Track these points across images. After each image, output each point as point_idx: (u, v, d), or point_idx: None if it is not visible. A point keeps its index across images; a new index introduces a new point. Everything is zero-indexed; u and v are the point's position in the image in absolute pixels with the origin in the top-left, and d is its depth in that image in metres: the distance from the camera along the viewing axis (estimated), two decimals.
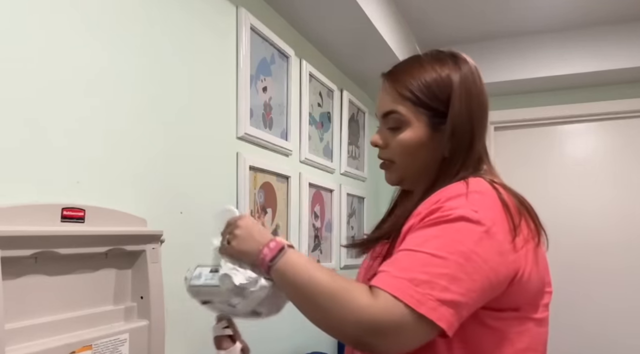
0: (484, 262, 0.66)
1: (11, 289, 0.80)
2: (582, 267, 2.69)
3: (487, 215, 0.69)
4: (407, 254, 0.68)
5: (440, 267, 0.65)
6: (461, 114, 0.79)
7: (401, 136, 0.82)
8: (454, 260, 0.65)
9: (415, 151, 0.82)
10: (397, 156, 0.84)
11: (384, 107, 0.84)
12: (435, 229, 0.69)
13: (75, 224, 0.89)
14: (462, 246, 0.66)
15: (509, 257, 0.69)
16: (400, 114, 0.81)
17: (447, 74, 0.80)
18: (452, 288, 0.64)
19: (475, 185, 0.74)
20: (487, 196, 0.72)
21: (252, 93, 1.57)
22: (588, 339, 2.64)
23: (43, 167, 0.89)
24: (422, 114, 0.80)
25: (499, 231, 0.69)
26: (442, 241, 0.67)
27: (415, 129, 0.81)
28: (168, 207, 1.21)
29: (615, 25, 2.43)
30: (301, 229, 1.90)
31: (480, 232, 0.67)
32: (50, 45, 0.91)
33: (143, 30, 1.13)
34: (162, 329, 1.06)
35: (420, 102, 0.80)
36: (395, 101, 0.82)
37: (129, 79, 1.09)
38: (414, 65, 0.83)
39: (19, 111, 0.85)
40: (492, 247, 0.67)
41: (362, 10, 1.76)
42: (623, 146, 2.68)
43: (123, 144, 1.07)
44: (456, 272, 0.65)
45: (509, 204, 0.72)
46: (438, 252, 0.66)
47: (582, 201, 2.73)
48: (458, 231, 0.67)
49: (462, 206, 0.69)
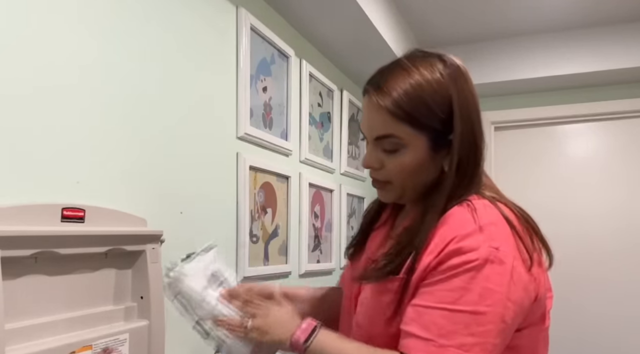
0: (516, 305, 0.67)
1: (11, 289, 0.80)
2: (582, 267, 2.68)
3: (507, 250, 0.67)
4: (444, 315, 0.65)
5: (484, 324, 0.64)
6: (464, 131, 0.74)
7: (400, 159, 0.76)
8: (494, 312, 0.64)
9: (415, 172, 0.77)
10: (394, 177, 0.78)
11: (377, 131, 0.76)
12: (464, 280, 0.66)
13: (75, 224, 0.89)
14: (497, 294, 0.65)
15: (530, 287, 0.69)
16: (398, 137, 0.74)
17: (445, 88, 0.73)
18: (498, 340, 0.65)
19: (485, 213, 0.70)
20: (501, 226, 0.69)
21: (252, 93, 1.56)
22: (588, 341, 2.64)
23: (43, 167, 0.89)
24: (421, 135, 0.74)
25: (519, 265, 0.68)
26: (476, 294, 0.65)
27: (415, 150, 0.75)
28: (168, 207, 1.21)
29: (615, 25, 2.43)
30: (301, 229, 1.90)
31: (507, 274, 0.66)
32: (50, 45, 0.91)
33: (143, 30, 1.13)
34: (162, 329, 1.06)
35: (420, 124, 0.73)
36: (390, 123, 0.73)
37: (129, 79, 1.09)
38: (407, 80, 0.73)
39: (19, 111, 0.85)
40: (519, 286, 0.67)
41: (362, 10, 1.76)
42: (623, 146, 2.68)
43: (123, 144, 1.07)
44: (498, 323, 0.65)
45: (519, 230, 0.70)
46: (478, 308, 0.64)
47: (582, 200, 2.73)
48: (488, 279, 0.65)
49: (482, 245, 0.66)
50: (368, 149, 0.80)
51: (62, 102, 0.93)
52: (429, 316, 0.66)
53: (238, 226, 1.49)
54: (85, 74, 0.98)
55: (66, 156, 0.94)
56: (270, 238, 1.69)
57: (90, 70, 0.99)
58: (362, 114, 0.80)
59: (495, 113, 2.84)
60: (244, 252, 1.50)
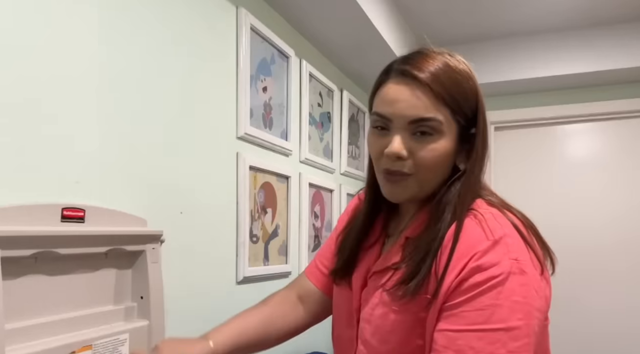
0: (540, 312, 0.66)
1: (11, 289, 0.80)
2: (582, 266, 2.69)
3: (525, 259, 0.67)
4: (479, 336, 0.63)
5: (520, 338, 0.63)
6: (484, 127, 0.75)
7: (434, 146, 0.71)
8: (527, 324, 0.64)
9: (442, 164, 0.74)
10: (422, 167, 0.73)
11: (419, 112, 0.71)
12: (491, 297, 0.64)
13: (75, 224, 0.89)
14: (526, 305, 0.64)
15: (547, 293, 0.69)
16: (439, 122, 0.71)
17: (473, 80, 0.75)
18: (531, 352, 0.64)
19: (497, 225, 0.69)
20: (514, 237, 0.69)
21: (252, 93, 1.56)
22: (588, 339, 2.64)
23: (43, 167, 0.89)
24: (455, 124, 0.72)
25: (535, 272, 0.67)
26: (506, 309, 0.63)
27: (448, 139, 0.72)
28: (168, 207, 1.21)
29: (614, 25, 2.43)
30: (301, 229, 1.90)
31: (530, 283, 0.65)
32: (50, 45, 0.91)
33: (142, 30, 1.13)
34: (162, 329, 1.06)
35: (457, 109, 0.72)
36: (434, 104, 0.70)
37: (128, 79, 1.09)
38: (440, 61, 0.73)
39: (19, 111, 0.85)
40: (540, 294, 0.67)
41: (362, 10, 1.76)
42: (623, 145, 2.68)
43: (123, 144, 1.07)
44: (532, 336, 0.64)
45: (527, 238, 0.70)
46: (511, 324, 0.63)
47: (582, 200, 2.73)
48: (514, 292, 0.64)
49: (502, 258, 0.65)
50: (395, 136, 0.72)
51: (62, 102, 0.93)
52: (463, 341, 0.64)
53: (238, 226, 1.49)
54: (84, 74, 0.98)
55: (66, 156, 0.94)
56: (270, 238, 1.69)
57: (89, 70, 0.99)
58: (391, 97, 0.73)
59: (495, 113, 2.85)
60: (244, 252, 1.50)
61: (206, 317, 1.33)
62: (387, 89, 0.74)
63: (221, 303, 1.39)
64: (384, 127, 0.74)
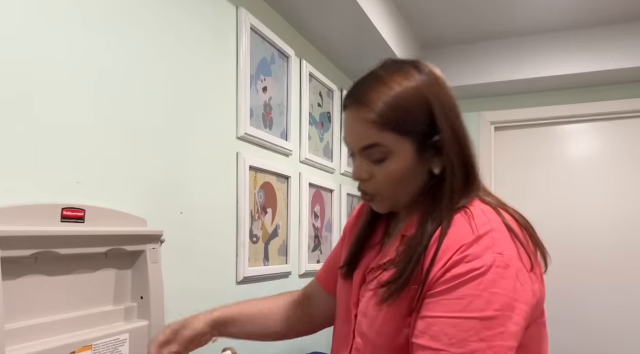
0: (525, 305, 0.67)
1: (11, 289, 0.80)
2: (582, 266, 2.69)
3: (510, 254, 0.68)
4: (453, 324, 0.65)
5: (495, 328, 0.64)
6: (447, 130, 0.75)
7: (388, 168, 0.76)
8: (503, 315, 0.65)
9: (404, 179, 0.77)
10: (383, 187, 0.78)
11: (362, 141, 0.76)
12: (470, 288, 0.66)
13: (75, 224, 0.89)
14: (504, 297, 0.66)
15: (536, 287, 0.70)
16: (383, 146, 0.75)
17: (422, 92, 0.75)
18: (510, 343, 0.65)
19: (484, 220, 0.71)
20: (501, 232, 0.70)
21: (252, 93, 1.56)
22: (589, 336, 2.64)
23: (43, 167, 0.89)
24: (406, 141, 0.75)
25: (523, 267, 0.69)
26: (484, 300, 0.65)
27: (401, 157, 0.75)
28: (168, 207, 1.21)
29: (614, 25, 2.43)
30: (301, 229, 1.90)
31: (513, 277, 0.67)
32: (50, 44, 0.91)
33: (143, 30, 1.13)
34: (162, 329, 1.06)
35: (403, 129, 0.74)
36: (376, 133, 0.74)
37: (128, 79, 1.09)
38: (385, 90, 0.75)
39: (19, 111, 0.85)
40: (526, 287, 0.68)
41: (362, 10, 1.76)
42: (623, 145, 2.68)
43: (123, 144, 1.07)
44: (508, 326, 0.65)
45: (519, 235, 0.71)
46: (486, 314, 0.65)
47: (582, 200, 2.73)
48: (494, 284, 0.66)
49: (486, 251, 0.68)
50: (355, 161, 0.81)
51: (62, 102, 0.93)
52: (438, 326, 0.66)
53: (238, 226, 1.49)
54: (84, 74, 0.98)
55: (66, 156, 0.94)
56: (270, 238, 1.69)
57: (89, 70, 0.99)
58: (345, 127, 0.81)
59: (495, 113, 2.85)
60: (244, 253, 1.50)
61: None
62: (344, 118, 0.81)
63: (221, 303, 1.39)
64: (351, 153, 0.82)
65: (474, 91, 2.75)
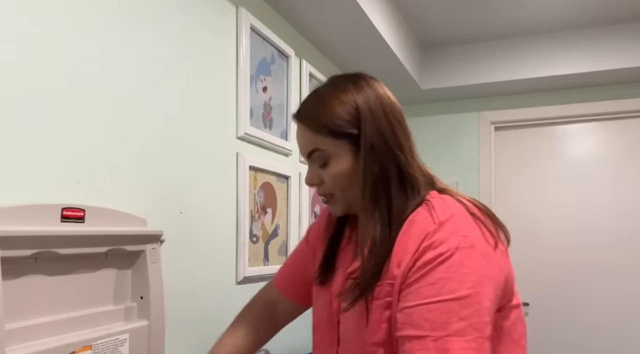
0: (493, 280, 0.71)
1: (11, 289, 0.80)
2: (582, 266, 2.69)
3: (474, 235, 0.72)
4: (431, 309, 0.68)
5: (471, 305, 0.67)
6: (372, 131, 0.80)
7: (330, 170, 0.82)
8: (476, 292, 0.68)
9: (349, 180, 0.82)
10: (334, 189, 0.84)
11: (305, 148, 0.84)
12: (441, 272, 0.69)
13: (75, 224, 0.89)
14: (474, 275, 0.69)
15: (502, 263, 0.74)
16: (322, 150, 0.82)
17: (351, 98, 0.81)
18: (487, 318, 0.68)
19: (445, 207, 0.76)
20: (462, 216, 0.75)
21: (252, 93, 1.57)
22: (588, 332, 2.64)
23: (43, 167, 0.89)
24: (342, 143, 0.81)
25: (487, 245, 0.72)
26: (456, 281, 0.68)
27: (341, 159, 0.81)
28: (168, 207, 1.21)
29: (614, 25, 2.43)
30: (301, 229, 1.90)
31: (479, 255, 0.71)
32: (50, 45, 0.91)
33: (143, 29, 1.13)
34: (162, 329, 1.06)
35: (336, 132, 0.80)
36: (313, 139, 0.82)
37: (128, 79, 1.09)
38: (319, 100, 0.83)
39: (19, 111, 0.85)
40: (493, 265, 0.71)
41: (362, 10, 1.76)
42: (623, 145, 2.68)
43: (123, 144, 1.07)
44: (483, 301, 0.68)
45: (480, 217, 0.75)
46: (460, 294, 0.67)
47: (582, 200, 2.73)
48: (463, 264, 0.69)
49: (450, 236, 0.71)
50: (307, 168, 0.87)
51: (62, 102, 0.93)
52: (417, 314, 0.69)
53: (238, 226, 1.49)
54: (84, 74, 0.98)
55: (66, 156, 0.94)
56: (270, 238, 1.69)
57: (89, 70, 0.99)
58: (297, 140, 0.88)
59: (495, 113, 2.85)
60: (243, 253, 1.50)
61: (206, 317, 1.33)
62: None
63: (221, 303, 1.39)
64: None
65: (474, 90, 2.75)
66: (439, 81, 2.68)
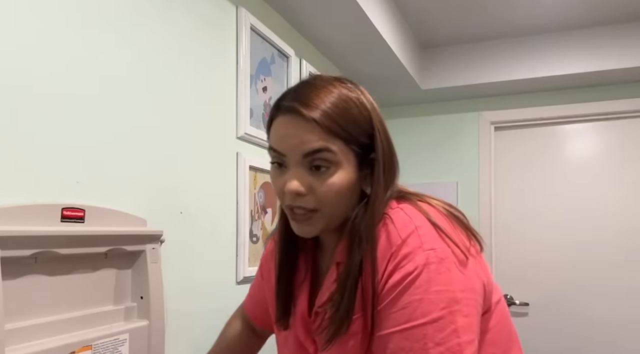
0: (471, 292, 0.66)
1: (11, 289, 0.80)
2: (582, 265, 2.69)
3: (441, 247, 0.66)
4: (405, 336, 0.63)
5: (446, 327, 0.63)
6: (385, 149, 0.73)
7: (333, 180, 0.69)
8: (451, 312, 0.63)
9: (345, 195, 0.71)
10: (325, 201, 0.70)
11: (309, 145, 0.68)
12: (411, 294, 0.64)
13: (75, 224, 0.89)
14: (447, 292, 0.64)
15: (478, 270, 0.69)
16: (333, 153, 0.68)
17: (363, 104, 0.72)
18: (467, 336, 0.63)
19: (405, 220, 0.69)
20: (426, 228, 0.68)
21: (252, 93, 1.57)
22: (587, 329, 2.64)
23: (43, 167, 0.89)
24: (351, 153, 0.70)
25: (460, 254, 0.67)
26: (427, 302, 0.63)
27: (347, 169, 0.70)
28: (168, 207, 1.21)
29: (614, 25, 2.43)
30: None
31: (450, 269, 0.65)
32: (50, 45, 0.91)
33: (143, 30, 1.13)
34: (162, 329, 1.06)
35: (350, 138, 0.70)
36: (324, 137, 0.68)
37: (128, 79, 1.09)
38: (329, 92, 0.70)
39: (19, 111, 0.85)
40: (468, 275, 0.66)
41: (363, 11, 1.76)
42: (623, 146, 2.68)
43: (123, 144, 1.07)
44: (460, 320, 0.63)
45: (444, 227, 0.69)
46: (433, 316, 0.63)
47: (581, 200, 2.72)
48: (432, 282, 0.64)
49: (416, 252, 0.66)
50: (291, 172, 0.70)
51: (62, 102, 0.93)
52: (392, 343, 0.65)
53: (238, 226, 1.49)
54: (84, 74, 0.98)
55: (66, 156, 0.94)
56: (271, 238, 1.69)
57: (88, 70, 0.99)
58: (278, 135, 0.71)
59: (495, 113, 2.85)
60: (243, 253, 1.50)
61: (206, 317, 1.33)
62: (279, 125, 0.71)
63: (221, 303, 1.39)
64: (280, 163, 0.72)
65: (474, 91, 2.75)
66: (439, 81, 2.68)
